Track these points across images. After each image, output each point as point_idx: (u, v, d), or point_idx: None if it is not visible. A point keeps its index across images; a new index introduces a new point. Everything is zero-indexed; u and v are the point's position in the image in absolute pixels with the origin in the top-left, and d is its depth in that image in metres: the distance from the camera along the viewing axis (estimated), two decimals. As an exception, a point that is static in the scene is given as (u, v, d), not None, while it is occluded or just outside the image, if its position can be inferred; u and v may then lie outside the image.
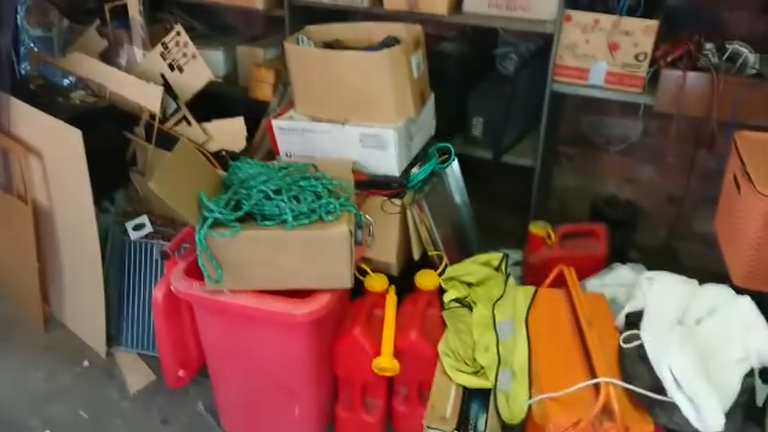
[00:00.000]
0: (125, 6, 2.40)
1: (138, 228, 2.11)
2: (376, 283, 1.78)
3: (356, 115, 1.83)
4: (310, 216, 1.49)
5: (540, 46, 2.21)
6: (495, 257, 1.87)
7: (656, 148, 2.40)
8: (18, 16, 2.47)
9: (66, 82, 2.38)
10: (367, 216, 1.60)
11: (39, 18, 2.56)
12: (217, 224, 1.47)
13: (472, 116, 2.25)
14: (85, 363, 2.14)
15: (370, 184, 1.83)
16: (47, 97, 2.18)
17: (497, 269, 1.86)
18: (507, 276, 1.81)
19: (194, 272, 1.57)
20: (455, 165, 2.13)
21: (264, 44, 2.57)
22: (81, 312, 2.21)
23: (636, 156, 2.46)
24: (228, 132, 2.23)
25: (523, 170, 2.24)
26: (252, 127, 2.25)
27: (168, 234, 2.11)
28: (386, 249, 1.83)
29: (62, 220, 2.10)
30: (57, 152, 2.00)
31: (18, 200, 2.13)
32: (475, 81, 2.28)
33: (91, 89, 2.28)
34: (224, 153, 2.24)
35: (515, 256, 2.25)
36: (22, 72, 2.45)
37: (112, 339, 2.17)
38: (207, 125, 2.24)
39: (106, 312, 2.09)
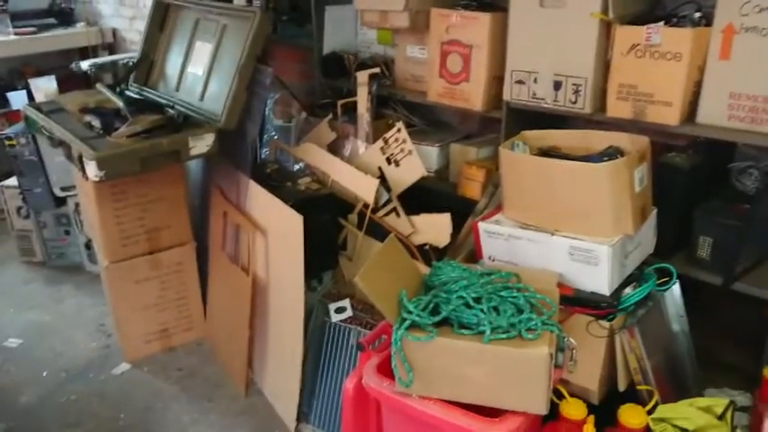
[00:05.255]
0: (355, 103, 2.62)
1: (339, 311, 2.20)
2: (573, 409, 1.62)
3: (567, 226, 1.74)
4: (509, 331, 1.42)
5: (789, 163, 1.95)
6: (718, 403, 1.61)
7: None
8: (266, 108, 2.81)
9: (296, 168, 2.63)
10: (571, 339, 1.49)
11: (282, 110, 2.90)
12: (414, 326, 1.46)
13: (699, 235, 2.02)
14: (275, 434, 2.24)
15: (575, 301, 1.71)
16: (278, 181, 2.41)
17: (721, 418, 1.60)
18: (733, 430, 1.54)
19: (387, 368, 1.58)
20: (675, 288, 1.92)
21: (478, 143, 2.61)
22: (278, 384, 2.33)
23: None
24: (434, 227, 2.26)
25: (759, 301, 1.94)
26: (457, 224, 2.27)
27: (367, 321, 2.16)
28: (588, 374, 1.68)
29: (275, 295, 2.26)
30: (279, 232, 2.18)
31: (241, 271, 2.35)
32: (704, 196, 2.06)
33: (316, 176, 2.48)
34: (427, 247, 2.27)
35: (743, 400, 1.92)
36: (262, 157, 2.76)
37: (302, 415, 2.24)
38: (415, 218, 2.30)
39: (300, 388, 2.18)
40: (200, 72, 2.48)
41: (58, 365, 2.63)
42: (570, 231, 1.73)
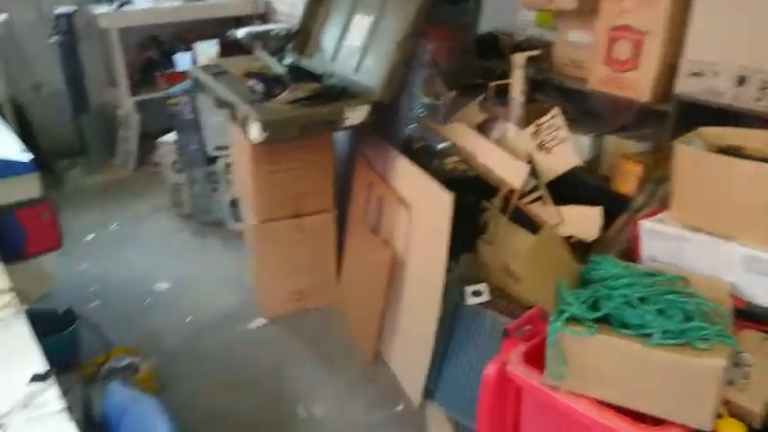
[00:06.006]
0: (509, 86, 2.56)
1: (476, 294, 2.17)
2: (731, 430, 1.51)
3: (745, 234, 1.60)
4: (679, 337, 1.33)
5: None
6: None
7: None
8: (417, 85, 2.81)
9: (441, 147, 2.61)
10: (747, 355, 1.37)
11: (431, 87, 2.88)
12: (572, 320, 1.41)
13: None
14: (400, 406, 2.26)
15: (747, 315, 1.57)
16: (425, 158, 2.41)
17: None
18: None
19: (531, 358, 1.54)
20: None
21: (636, 136, 2.46)
22: (405, 358, 2.35)
23: None
24: (583, 220, 2.17)
25: None
26: (606, 219, 2.16)
27: (502, 308, 2.12)
28: (754, 395, 1.54)
29: (412, 271, 2.27)
30: (425, 209, 2.18)
31: (381, 244, 2.38)
32: None
33: (461, 157, 2.45)
34: (573, 240, 2.19)
35: None
36: (409, 134, 2.77)
37: (427, 392, 2.25)
38: (562, 208, 2.22)
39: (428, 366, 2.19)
40: (357, 44, 2.51)
41: (200, 313, 2.81)
42: (748, 240, 1.59)
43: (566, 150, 2.29)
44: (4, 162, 1.70)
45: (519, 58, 2.52)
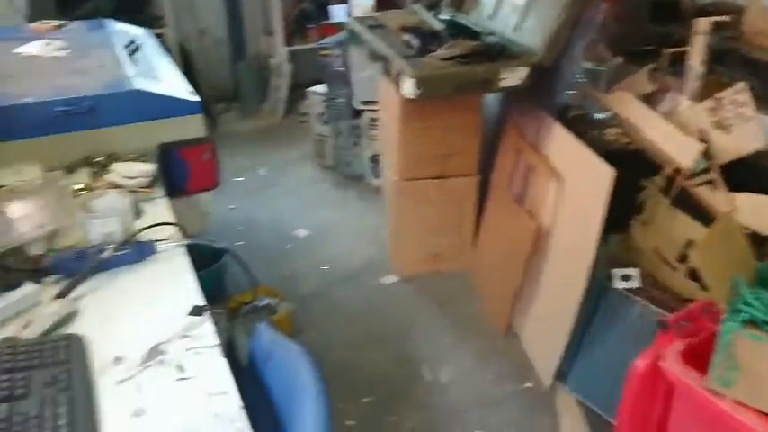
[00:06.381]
0: (686, 53, 2.30)
1: (625, 278, 2.02)
2: None
3: None
4: None
5: None
6: None
7: None
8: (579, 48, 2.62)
9: (600, 117, 2.42)
10: None
11: (595, 53, 2.67)
12: (749, 322, 1.25)
13: None
14: (529, 383, 2.19)
15: None
16: (582, 128, 2.25)
17: None
18: None
19: (689, 357, 1.40)
20: None
21: (837, 121, 2.14)
22: (539, 336, 2.26)
23: None
24: (761, 211, 1.93)
25: None
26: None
27: (653, 296, 1.96)
28: None
29: (557, 246, 2.15)
30: (579, 182, 2.04)
31: (525, 214, 2.28)
32: None
33: (623, 129, 2.27)
34: (747, 233, 1.96)
35: None
36: (566, 100, 2.60)
37: (559, 374, 2.15)
38: (738, 195, 1.98)
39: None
40: (519, 2, 2.37)
41: (335, 263, 2.87)
42: None
43: (749, 131, 2.03)
44: (177, 101, 1.79)
45: (703, 24, 2.25)
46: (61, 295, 1.20)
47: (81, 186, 1.56)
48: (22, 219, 1.38)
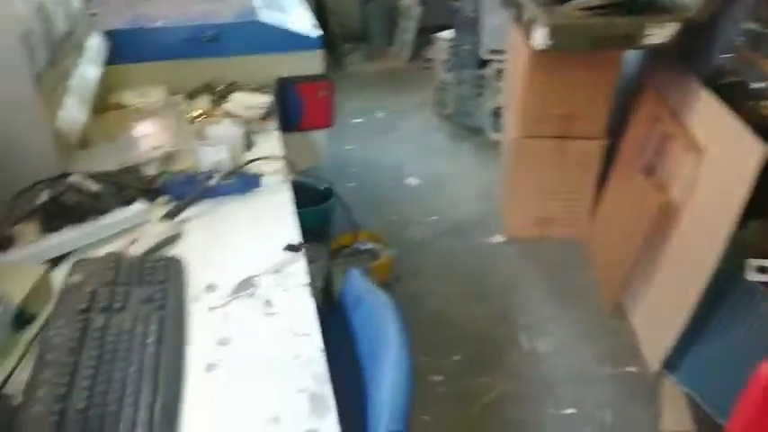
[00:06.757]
0: None
1: (762, 270, 1.81)
2: None
3: None
4: None
5: None
6: None
7: None
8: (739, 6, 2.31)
9: (759, 86, 2.14)
10: None
11: (761, 12, 2.34)
12: None
13: None
14: (632, 368, 2.05)
15: None
16: (734, 97, 1.99)
17: None
18: None
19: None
20: None
21: None
22: (652, 320, 2.10)
23: None
24: None
25: None
26: None
27: (794, 295, 1.74)
28: None
29: (687, 226, 1.96)
30: (723, 158, 1.82)
31: (653, 187, 2.08)
32: None
33: (785, 102, 1.99)
34: None
35: None
36: (720, 64, 2.32)
37: (667, 362, 1.99)
38: None
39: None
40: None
41: (443, 215, 2.82)
42: None
43: None
44: (298, 36, 1.77)
45: None
46: (169, 216, 1.24)
47: (199, 113, 1.59)
48: (143, 138, 1.43)
